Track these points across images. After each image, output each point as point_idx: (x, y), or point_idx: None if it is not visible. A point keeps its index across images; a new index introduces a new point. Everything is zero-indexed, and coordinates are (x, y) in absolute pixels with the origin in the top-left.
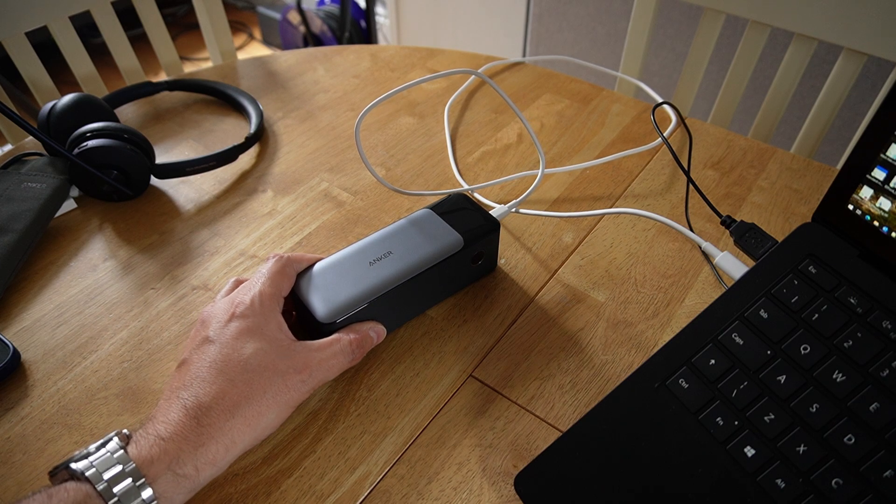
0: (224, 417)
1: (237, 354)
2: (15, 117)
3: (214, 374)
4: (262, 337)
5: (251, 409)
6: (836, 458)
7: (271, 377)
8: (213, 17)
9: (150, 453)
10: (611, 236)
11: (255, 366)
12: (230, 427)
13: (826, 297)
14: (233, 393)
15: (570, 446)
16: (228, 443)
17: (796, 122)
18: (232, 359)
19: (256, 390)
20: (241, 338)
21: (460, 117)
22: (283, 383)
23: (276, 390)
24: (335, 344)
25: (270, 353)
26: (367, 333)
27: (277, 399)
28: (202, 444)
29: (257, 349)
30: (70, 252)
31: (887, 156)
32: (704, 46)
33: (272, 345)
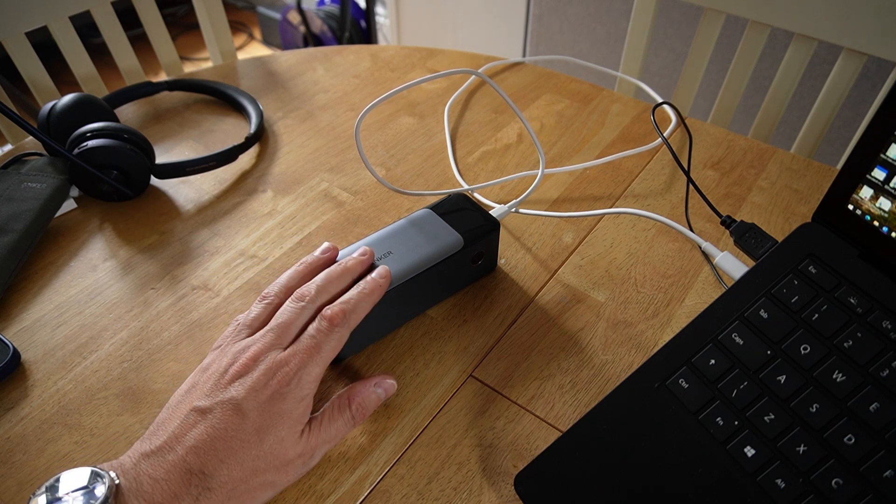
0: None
1: (257, 438)
2: (15, 117)
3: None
4: (286, 423)
5: (247, 493)
6: (836, 458)
7: (279, 467)
8: (213, 17)
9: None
10: (611, 236)
11: (268, 453)
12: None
13: (826, 297)
14: (238, 476)
15: (570, 446)
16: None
17: (796, 122)
18: (250, 441)
19: (258, 476)
20: (268, 419)
21: (460, 117)
22: (285, 468)
23: (277, 475)
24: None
25: (287, 441)
26: (368, 392)
27: (276, 482)
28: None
29: (276, 438)
30: (70, 252)
31: (887, 156)
32: (704, 46)
33: (292, 432)
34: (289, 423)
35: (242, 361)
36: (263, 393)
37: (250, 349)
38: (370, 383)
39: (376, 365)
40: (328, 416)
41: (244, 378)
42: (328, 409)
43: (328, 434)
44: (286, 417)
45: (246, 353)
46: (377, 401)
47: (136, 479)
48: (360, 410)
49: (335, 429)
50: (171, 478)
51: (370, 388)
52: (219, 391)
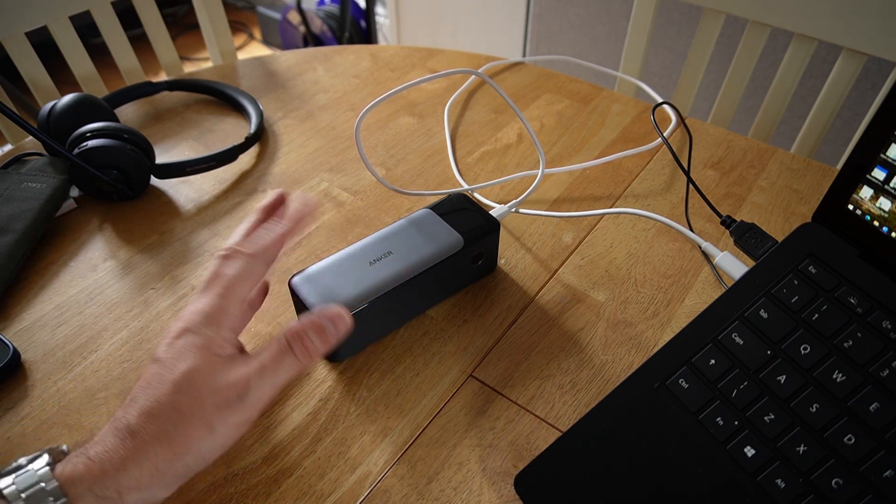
0: (149, 442)
1: (170, 374)
2: (15, 117)
3: (147, 394)
4: (200, 353)
5: (178, 434)
6: (836, 458)
7: (201, 396)
8: (213, 17)
9: (75, 471)
10: (611, 236)
11: (185, 385)
12: (154, 453)
13: (826, 297)
14: (160, 416)
15: (570, 446)
16: (153, 468)
17: (796, 122)
18: (164, 379)
19: (184, 412)
20: (180, 356)
21: (460, 117)
22: (214, 402)
23: (207, 412)
24: (272, 343)
25: (204, 370)
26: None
27: (209, 421)
28: (124, 467)
29: (190, 367)
30: (70, 252)
31: (887, 156)
32: (704, 46)
33: (209, 360)
34: (201, 353)
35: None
36: (174, 336)
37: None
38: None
39: (376, 365)
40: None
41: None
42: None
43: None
44: (196, 349)
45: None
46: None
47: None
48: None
49: (267, 356)
50: (105, 434)
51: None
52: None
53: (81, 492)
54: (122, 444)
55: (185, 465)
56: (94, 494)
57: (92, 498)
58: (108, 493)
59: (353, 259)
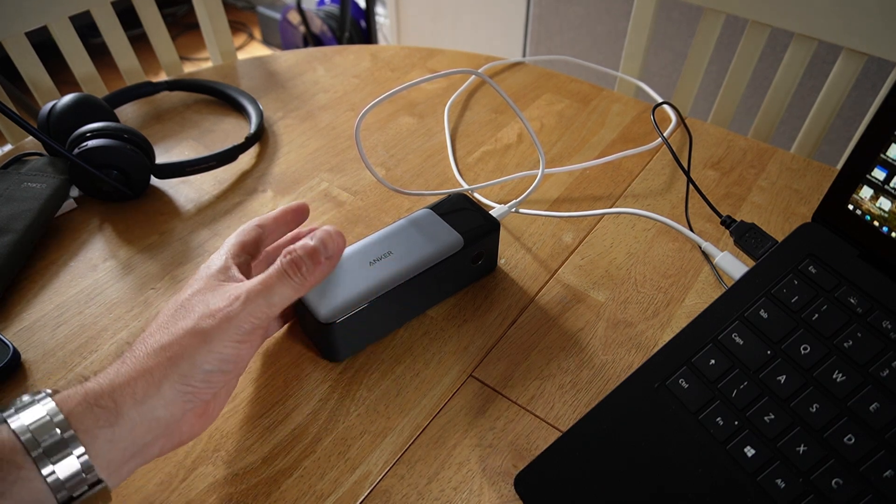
0: (143, 353)
1: (172, 301)
2: (15, 117)
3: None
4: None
5: (172, 342)
6: (836, 458)
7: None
8: (213, 17)
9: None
10: (611, 236)
11: (186, 303)
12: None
13: (826, 297)
14: (155, 330)
15: (570, 446)
16: (149, 378)
17: (796, 122)
18: (167, 309)
19: (179, 324)
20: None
21: (460, 117)
22: (209, 312)
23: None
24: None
25: (204, 290)
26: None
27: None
28: (117, 377)
29: (192, 291)
30: (70, 252)
31: (887, 156)
32: (704, 46)
33: (211, 282)
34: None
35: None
36: (183, 290)
37: None
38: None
39: (376, 365)
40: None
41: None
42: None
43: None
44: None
45: None
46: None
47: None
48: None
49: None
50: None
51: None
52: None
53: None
54: (117, 364)
55: (181, 375)
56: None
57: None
58: (104, 402)
59: (353, 259)
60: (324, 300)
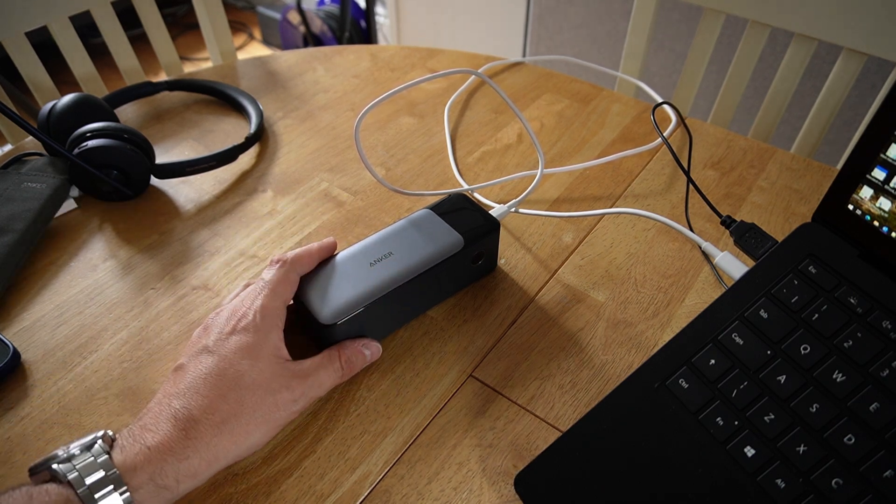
0: (212, 433)
1: (233, 370)
2: (15, 117)
3: (208, 387)
4: (259, 355)
5: (239, 427)
6: (836, 458)
7: (263, 396)
8: (213, 17)
9: (135, 461)
10: (611, 236)
11: (249, 384)
12: (216, 443)
13: (826, 297)
14: (223, 409)
15: (570, 446)
16: (212, 458)
17: (796, 122)
18: (227, 374)
19: (246, 408)
20: (239, 353)
21: (460, 117)
22: (274, 403)
23: (266, 409)
24: (326, 363)
25: (265, 372)
26: (357, 350)
27: (267, 418)
28: (186, 457)
29: (253, 367)
30: (70, 252)
31: (887, 156)
32: (704, 46)
33: (268, 364)
34: (261, 353)
35: (207, 319)
36: (228, 331)
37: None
38: (358, 343)
39: (376, 365)
40: (317, 363)
41: (210, 327)
42: (317, 357)
43: (316, 379)
44: (258, 349)
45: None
46: (364, 360)
47: (129, 431)
48: (349, 364)
49: (324, 375)
50: (159, 423)
51: (358, 347)
52: (194, 347)
53: (142, 481)
54: (183, 434)
55: (237, 455)
56: (154, 483)
57: (152, 487)
58: (168, 481)
59: (353, 260)
60: (325, 301)
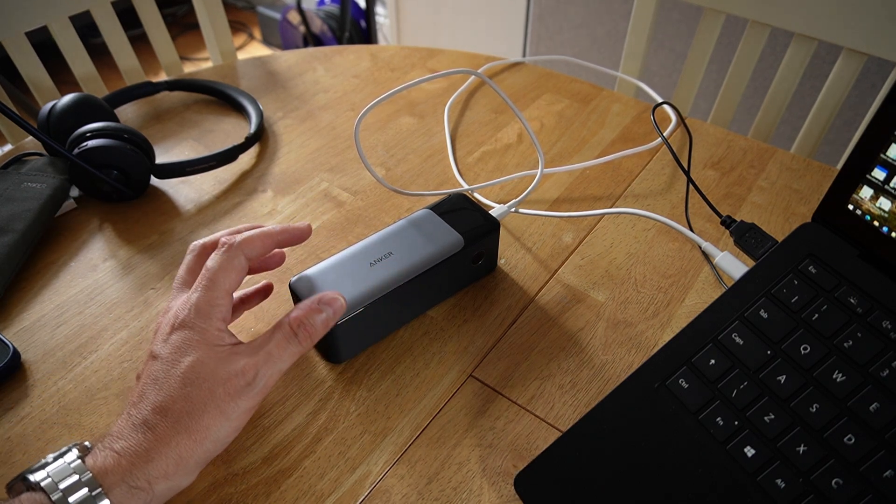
0: (169, 433)
1: (175, 369)
2: (15, 117)
3: (157, 391)
4: (200, 346)
5: (194, 423)
6: (836, 458)
7: (212, 387)
8: (213, 17)
9: (105, 464)
10: (611, 236)
11: (194, 378)
12: (176, 442)
13: (826, 297)
14: (174, 409)
15: (570, 446)
16: (177, 458)
17: (796, 122)
18: (171, 374)
19: (196, 404)
20: (180, 350)
21: (460, 117)
22: (226, 392)
23: (219, 400)
24: (275, 331)
25: (209, 363)
26: (310, 308)
27: (223, 409)
28: (151, 458)
29: (195, 360)
30: (70, 252)
31: (887, 156)
32: (704, 46)
33: (211, 352)
34: (201, 346)
35: (157, 320)
36: (167, 331)
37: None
38: (312, 300)
39: (376, 365)
40: (267, 336)
41: (158, 333)
42: (267, 330)
43: (269, 354)
44: (195, 343)
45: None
46: (321, 317)
47: (101, 442)
48: (302, 327)
49: (273, 346)
50: (123, 430)
51: (311, 305)
52: (147, 354)
53: (115, 482)
54: (143, 438)
55: (205, 451)
56: (126, 485)
57: (125, 488)
58: (140, 483)
59: (353, 260)
60: None
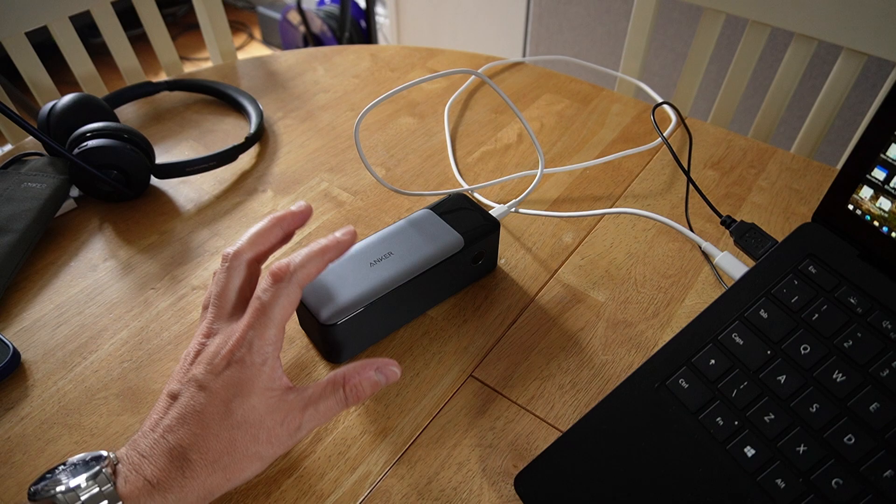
0: (206, 472)
1: (224, 409)
2: (15, 117)
3: (199, 425)
4: (251, 391)
5: (233, 465)
6: (836, 458)
7: (256, 433)
8: (213, 17)
9: (139, 496)
10: (611, 236)
11: (241, 422)
12: (211, 480)
13: (826, 297)
14: (216, 448)
15: (570, 446)
16: (206, 492)
17: (796, 122)
18: (218, 413)
19: (239, 447)
20: (231, 390)
21: (460, 117)
22: (268, 439)
23: (260, 446)
24: (328, 392)
25: (259, 409)
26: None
27: (261, 454)
28: (184, 495)
29: (246, 405)
30: (70, 252)
31: (887, 156)
32: (704, 46)
33: (262, 399)
34: (255, 389)
35: (198, 340)
36: (219, 365)
37: (202, 326)
38: (370, 366)
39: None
40: (319, 391)
41: (201, 356)
42: (320, 384)
43: (316, 410)
44: (250, 384)
45: (200, 331)
46: (374, 386)
47: (128, 457)
48: (354, 392)
49: (325, 407)
50: (154, 454)
51: (368, 372)
52: (185, 374)
53: None
54: (177, 471)
55: (230, 487)
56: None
57: None
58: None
59: (353, 260)
60: (325, 302)
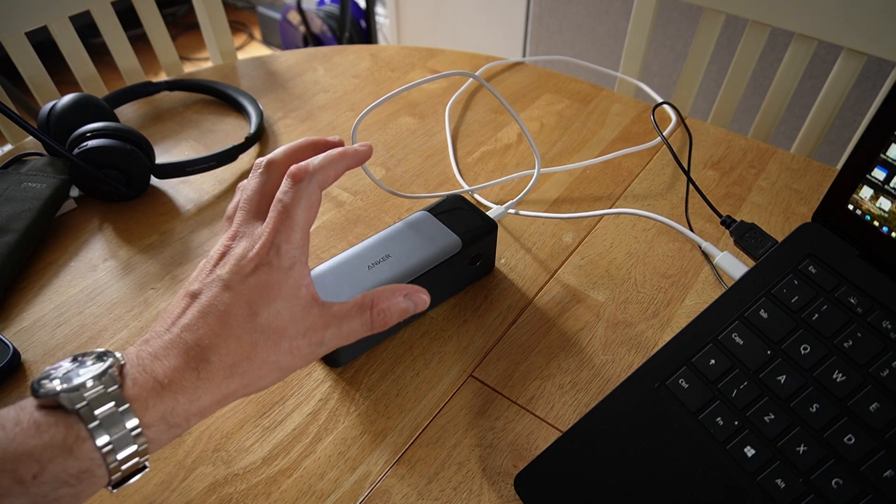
0: (222, 375)
1: (249, 311)
2: (15, 117)
3: (222, 325)
4: (279, 296)
5: (251, 371)
6: (836, 458)
7: (278, 341)
8: (213, 17)
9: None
10: (611, 236)
11: (265, 327)
12: (227, 385)
13: (826, 297)
14: (236, 351)
15: (569, 446)
16: (221, 398)
17: (796, 122)
18: (242, 315)
19: (260, 353)
20: (257, 292)
21: (460, 117)
22: (289, 349)
23: (281, 355)
24: (355, 313)
25: (283, 315)
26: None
27: (280, 364)
28: (197, 397)
29: (271, 310)
30: (70, 252)
31: (887, 156)
32: (704, 46)
33: (287, 306)
34: (282, 295)
35: (223, 243)
36: (246, 266)
37: (230, 230)
38: (400, 292)
39: (376, 365)
40: (345, 310)
41: (227, 257)
42: (347, 303)
43: (339, 329)
44: (276, 289)
45: (226, 234)
46: (402, 313)
47: (138, 357)
48: (381, 316)
49: (349, 327)
50: (169, 353)
51: (398, 297)
52: (207, 275)
53: (154, 419)
54: (192, 371)
55: (245, 394)
56: (165, 423)
57: (164, 426)
58: (178, 419)
59: (351, 263)
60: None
